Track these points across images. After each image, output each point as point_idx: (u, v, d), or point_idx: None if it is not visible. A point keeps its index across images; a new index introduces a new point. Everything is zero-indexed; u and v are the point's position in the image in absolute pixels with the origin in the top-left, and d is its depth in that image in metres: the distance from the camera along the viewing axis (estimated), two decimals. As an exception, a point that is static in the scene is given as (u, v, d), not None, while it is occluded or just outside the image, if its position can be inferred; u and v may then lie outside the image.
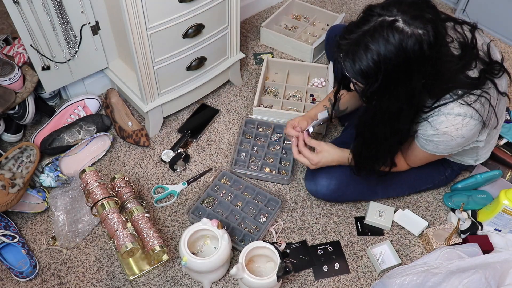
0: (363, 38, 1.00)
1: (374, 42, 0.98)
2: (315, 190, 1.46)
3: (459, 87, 1.11)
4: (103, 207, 1.25)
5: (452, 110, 1.12)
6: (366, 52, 1.00)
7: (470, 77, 1.12)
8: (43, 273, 1.36)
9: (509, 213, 1.36)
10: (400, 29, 0.97)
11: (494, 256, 1.26)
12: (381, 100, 1.08)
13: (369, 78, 1.03)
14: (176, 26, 1.43)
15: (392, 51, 0.98)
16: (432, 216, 1.51)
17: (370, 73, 1.02)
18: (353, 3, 2.34)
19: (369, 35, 0.99)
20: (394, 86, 1.04)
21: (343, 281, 1.36)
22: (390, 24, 0.98)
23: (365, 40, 0.99)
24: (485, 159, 1.42)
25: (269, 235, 1.45)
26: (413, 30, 0.97)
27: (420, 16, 0.98)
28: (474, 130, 1.15)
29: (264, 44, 2.09)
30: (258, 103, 1.73)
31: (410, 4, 1.01)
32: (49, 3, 1.41)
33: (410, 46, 0.97)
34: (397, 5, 1.00)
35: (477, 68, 1.14)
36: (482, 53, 1.16)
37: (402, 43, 0.97)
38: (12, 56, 1.57)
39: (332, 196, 1.46)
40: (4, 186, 1.34)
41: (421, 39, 0.97)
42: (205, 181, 1.59)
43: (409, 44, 0.97)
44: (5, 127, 1.59)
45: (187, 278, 1.35)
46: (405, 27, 0.97)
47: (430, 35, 0.98)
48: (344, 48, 1.04)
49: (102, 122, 1.69)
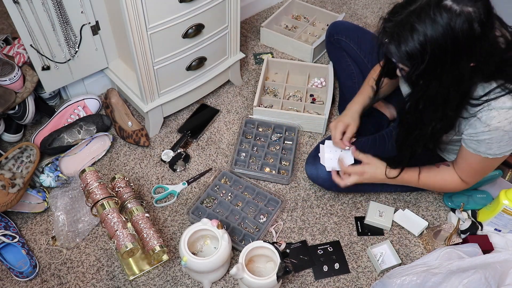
0: (408, 18, 0.95)
1: (421, 22, 0.94)
2: (316, 174, 1.43)
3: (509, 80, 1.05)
4: (103, 207, 1.25)
5: (504, 104, 1.06)
6: (412, 33, 0.95)
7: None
8: (43, 273, 1.36)
9: (509, 213, 1.36)
10: (448, 7, 0.92)
11: (494, 256, 1.26)
12: (427, 83, 1.03)
13: (415, 60, 0.98)
14: (176, 26, 1.43)
15: (439, 31, 0.93)
16: (432, 216, 1.51)
17: (416, 55, 0.97)
18: (353, 3, 2.34)
19: (415, 15, 0.95)
20: (441, 69, 0.98)
21: (343, 281, 1.36)
22: (437, 3, 0.93)
23: (411, 21, 0.95)
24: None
25: (269, 235, 1.45)
26: (462, 8, 0.92)
27: None
28: None
29: (264, 44, 2.10)
30: (258, 103, 1.73)
31: None
32: (49, 3, 1.41)
33: (459, 25, 0.92)
34: None
35: None
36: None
37: (451, 23, 0.92)
38: (12, 56, 1.57)
39: (332, 182, 1.38)
40: (4, 186, 1.34)
41: (471, 18, 0.92)
42: (205, 181, 1.59)
43: (458, 23, 0.92)
44: (5, 127, 1.60)
45: (187, 278, 1.36)
46: (454, 5, 0.92)
47: (481, 12, 0.93)
48: (389, 31, 1.00)
49: (102, 122, 1.69)
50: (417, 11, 0.95)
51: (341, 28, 1.73)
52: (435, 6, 0.94)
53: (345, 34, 1.70)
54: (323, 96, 1.84)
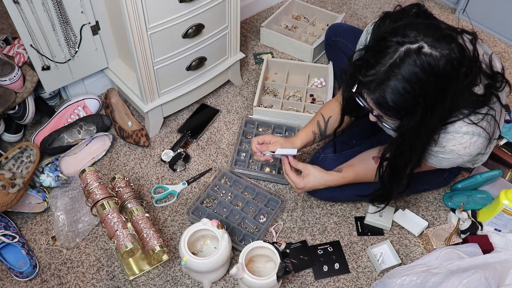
0: (391, 72, 0.94)
1: (405, 73, 0.93)
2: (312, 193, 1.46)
3: (467, 106, 1.08)
4: (103, 207, 1.25)
5: (460, 129, 1.09)
6: (399, 86, 0.94)
7: (476, 94, 1.08)
8: (43, 273, 1.36)
9: (509, 213, 1.36)
10: (429, 54, 0.93)
11: (494, 256, 1.26)
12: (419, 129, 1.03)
13: (406, 112, 0.98)
14: (176, 26, 1.43)
15: (426, 79, 0.93)
16: (432, 216, 1.51)
17: (408, 107, 0.97)
18: (353, 3, 2.34)
19: (397, 68, 0.94)
20: (431, 113, 0.99)
21: (343, 281, 1.36)
22: (417, 52, 0.93)
23: (395, 74, 0.94)
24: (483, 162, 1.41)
25: (269, 235, 1.45)
26: (441, 52, 0.93)
27: (442, 37, 0.94)
28: (481, 147, 1.13)
29: (264, 44, 2.10)
30: (258, 103, 1.73)
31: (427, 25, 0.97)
32: (49, 3, 1.41)
33: (443, 67, 0.93)
34: (414, 29, 0.95)
35: (482, 83, 1.10)
36: (484, 65, 1.13)
37: (434, 68, 0.93)
38: (12, 56, 1.57)
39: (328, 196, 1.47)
40: (4, 186, 1.34)
41: (450, 58, 0.93)
42: (205, 181, 1.59)
43: (441, 66, 0.93)
44: (5, 127, 1.60)
45: (187, 278, 1.35)
46: (433, 51, 0.93)
47: (457, 52, 0.94)
48: (372, 86, 0.98)
49: (102, 122, 1.69)
50: (398, 63, 0.94)
51: (339, 30, 1.75)
52: (416, 55, 0.93)
53: (342, 36, 1.71)
54: (323, 96, 1.84)
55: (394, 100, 0.96)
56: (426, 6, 1.15)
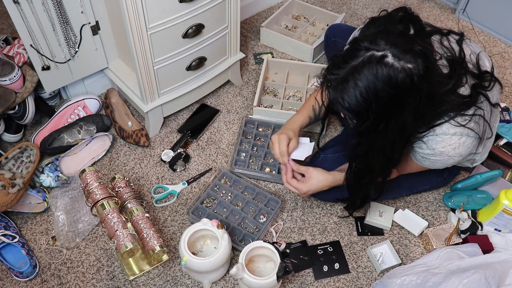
0: (351, 75, 0.97)
1: (363, 79, 0.95)
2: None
3: (452, 109, 1.09)
4: (103, 207, 1.25)
5: (448, 130, 1.10)
6: (355, 90, 0.96)
7: (462, 95, 1.09)
8: (43, 273, 1.36)
9: (509, 213, 1.36)
10: (390, 64, 0.94)
11: (494, 256, 1.26)
12: (373, 135, 1.05)
13: (360, 115, 1.01)
14: (176, 26, 1.43)
15: (382, 88, 0.95)
16: (432, 216, 1.51)
17: (361, 111, 0.99)
18: (353, 3, 2.34)
19: (357, 72, 0.96)
20: (386, 121, 1.01)
21: (343, 281, 1.36)
22: (379, 60, 0.95)
23: (354, 77, 0.96)
24: (482, 161, 1.42)
25: (269, 235, 1.45)
26: (403, 65, 0.94)
27: (410, 50, 0.95)
28: (471, 147, 1.14)
29: (264, 44, 2.10)
30: (258, 103, 1.73)
31: (399, 35, 0.98)
32: (49, 3, 1.41)
33: (401, 80, 0.94)
34: (385, 38, 0.97)
35: (468, 84, 1.11)
36: (471, 65, 1.13)
37: (392, 79, 0.94)
38: (12, 56, 1.57)
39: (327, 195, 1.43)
40: (4, 186, 1.34)
41: (411, 73, 0.94)
42: (205, 181, 1.59)
43: (400, 79, 0.94)
44: (5, 127, 1.59)
45: (187, 278, 1.36)
46: (395, 63, 0.94)
47: (421, 69, 0.95)
48: (333, 84, 1.01)
49: (102, 122, 1.69)
50: (359, 67, 0.96)
51: (338, 31, 1.75)
52: (378, 63, 0.94)
53: (341, 36, 1.71)
54: (323, 96, 1.84)
55: (348, 101, 0.99)
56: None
